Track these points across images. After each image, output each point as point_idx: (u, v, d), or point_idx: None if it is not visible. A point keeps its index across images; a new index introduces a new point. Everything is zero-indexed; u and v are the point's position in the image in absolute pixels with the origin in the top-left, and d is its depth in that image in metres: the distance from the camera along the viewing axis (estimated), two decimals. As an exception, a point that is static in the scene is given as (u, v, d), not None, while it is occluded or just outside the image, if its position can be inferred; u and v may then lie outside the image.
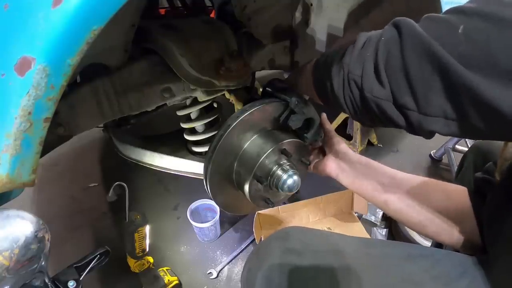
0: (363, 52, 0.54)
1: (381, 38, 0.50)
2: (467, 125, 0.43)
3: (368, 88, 0.52)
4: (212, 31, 0.99)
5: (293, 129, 0.77)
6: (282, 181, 0.73)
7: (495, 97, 0.37)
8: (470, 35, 0.40)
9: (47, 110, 0.46)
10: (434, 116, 0.45)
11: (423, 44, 0.44)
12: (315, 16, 1.10)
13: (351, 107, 0.58)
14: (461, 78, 0.40)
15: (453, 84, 0.42)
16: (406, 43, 0.46)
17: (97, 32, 0.44)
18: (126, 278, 1.39)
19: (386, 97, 0.50)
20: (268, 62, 1.25)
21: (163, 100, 0.97)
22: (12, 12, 0.43)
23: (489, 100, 0.38)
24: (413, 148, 2.21)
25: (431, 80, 0.44)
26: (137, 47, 0.89)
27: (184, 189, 1.81)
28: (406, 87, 0.46)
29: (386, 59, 0.49)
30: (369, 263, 0.64)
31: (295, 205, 1.57)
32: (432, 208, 0.72)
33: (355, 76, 0.54)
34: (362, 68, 0.53)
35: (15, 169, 0.47)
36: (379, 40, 0.50)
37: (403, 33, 0.47)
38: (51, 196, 1.85)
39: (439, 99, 0.44)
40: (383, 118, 0.53)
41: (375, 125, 0.61)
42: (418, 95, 0.46)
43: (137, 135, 1.36)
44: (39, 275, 0.63)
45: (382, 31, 0.51)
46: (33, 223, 0.60)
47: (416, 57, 0.45)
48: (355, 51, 0.55)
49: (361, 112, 0.57)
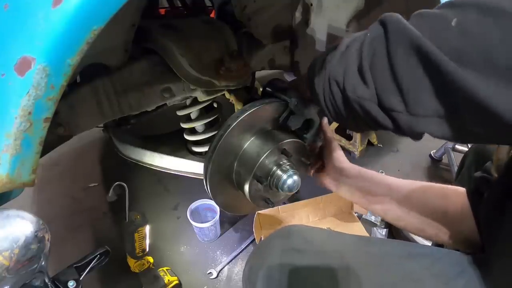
0: (347, 51, 0.50)
1: (367, 36, 0.47)
2: (461, 127, 0.40)
3: (351, 87, 0.48)
4: (212, 31, 0.99)
5: (292, 129, 0.77)
6: (282, 181, 0.73)
7: (489, 97, 0.34)
8: (464, 29, 0.36)
9: (47, 110, 0.46)
10: (425, 117, 0.42)
11: (411, 39, 0.40)
12: (315, 16, 1.10)
13: (331, 109, 0.55)
14: (452, 75, 0.36)
15: (444, 83, 0.38)
16: (392, 39, 0.42)
17: (97, 32, 0.44)
18: (126, 278, 1.39)
19: (370, 97, 0.46)
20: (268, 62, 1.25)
21: (163, 100, 0.97)
22: (12, 12, 0.43)
23: (483, 100, 0.34)
24: (413, 148, 2.21)
25: (420, 79, 0.40)
26: (137, 47, 0.89)
27: (184, 189, 1.80)
28: (393, 86, 0.43)
29: (371, 57, 0.45)
30: (369, 261, 0.64)
31: (295, 205, 1.57)
32: (430, 212, 0.72)
33: (336, 74, 0.51)
34: (344, 67, 0.49)
35: (15, 169, 0.47)
36: (365, 39, 0.47)
37: (389, 29, 0.43)
38: (51, 196, 1.85)
39: (429, 98, 0.40)
40: (368, 120, 0.49)
41: (361, 129, 0.56)
42: (406, 95, 0.42)
43: (137, 135, 1.36)
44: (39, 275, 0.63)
45: (368, 30, 0.48)
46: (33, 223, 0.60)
47: (403, 54, 0.41)
48: (338, 50, 0.52)
49: (342, 115, 0.54)
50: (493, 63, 0.34)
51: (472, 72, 0.35)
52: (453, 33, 0.37)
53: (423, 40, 0.39)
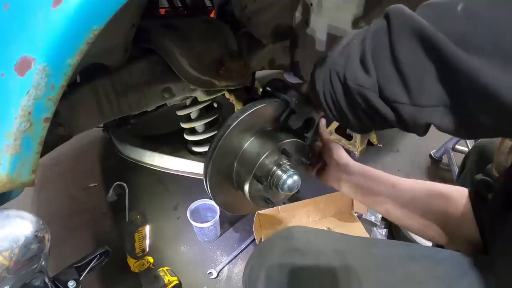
0: (349, 44, 0.49)
1: (370, 29, 0.46)
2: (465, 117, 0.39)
3: (351, 76, 0.47)
4: (212, 31, 0.99)
5: (293, 129, 0.77)
6: (282, 181, 0.73)
7: (493, 81, 0.33)
8: (470, 12, 0.35)
9: (47, 110, 0.46)
10: (430, 106, 0.40)
11: (413, 25, 0.39)
12: (315, 16, 1.10)
13: (331, 104, 0.53)
14: (456, 60, 0.35)
15: (447, 68, 0.37)
16: (395, 28, 0.41)
17: (97, 32, 0.44)
18: (126, 278, 1.39)
19: (372, 86, 0.44)
20: (268, 62, 1.25)
21: (163, 100, 0.97)
22: (12, 12, 0.43)
23: (487, 85, 0.33)
24: (413, 148, 2.21)
25: (423, 65, 0.39)
26: (137, 47, 0.89)
27: (184, 189, 1.80)
28: (396, 75, 0.41)
29: (374, 47, 0.44)
30: (370, 263, 0.64)
31: (295, 205, 1.57)
32: (432, 213, 0.72)
33: (337, 66, 0.49)
34: (346, 58, 0.48)
35: (15, 169, 0.47)
36: (368, 31, 0.46)
37: (392, 20, 0.42)
38: (51, 196, 1.85)
39: (433, 86, 0.39)
40: (369, 111, 0.47)
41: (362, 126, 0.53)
42: (410, 84, 0.40)
43: (137, 135, 1.36)
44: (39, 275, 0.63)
45: (372, 24, 0.47)
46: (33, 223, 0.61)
47: (405, 40, 0.40)
48: (340, 45, 0.52)
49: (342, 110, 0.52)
50: (499, 47, 0.33)
51: (477, 57, 0.34)
52: (458, 18, 0.36)
53: (424, 24, 0.38)
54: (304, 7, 1.13)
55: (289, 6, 1.14)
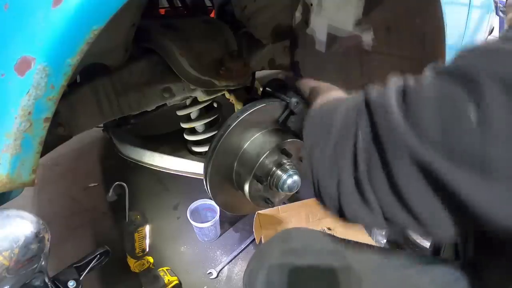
0: (336, 151, 0.42)
1: (358, 133, 0.40)
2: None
3: (351, 215, 0.42)
4: (212, 31, 0.99)
5: (292, 129, 0.77)
6: (282, 181, 0.73)
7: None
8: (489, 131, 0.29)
9: (47, 110, 0.46)
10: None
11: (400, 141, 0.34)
12: (315, 16, 1.10)
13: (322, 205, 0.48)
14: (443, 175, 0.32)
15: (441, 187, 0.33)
16: (386, 145, 0.36)
17: (97, 32, 0.44)
18: (126, 278, 1.38)
19: (377, 224, 0.40)
20: (268, 62, 1.25)
21: (163, 100, 0.97)
22: (12, 12, 0.43)
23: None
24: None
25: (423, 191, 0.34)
26: (137, 47, 0.89)
27: (184, 189, 1.80)
28: (399, 207, 0.37)
29: (368, 169, 0.38)
30: (369, 266, 0.64)
31: (295, 205, 1.57)
32: None
33: (328, 189, 0.43)
34: (337, 181, 0.42)
35: (15, 169, 0.47)
36: (356, 137, 0.40)
37: (380, 128, 0.37)
38: (51, 196, 1.85)
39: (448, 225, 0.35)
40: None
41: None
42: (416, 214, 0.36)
43: (137, 135, 1.36)
44: (39, 275, 0.63)
45: (357, 116, 0.40)
46: (33, 223, 0.60)
47: (401, 164, 0.35)
48: (328, 145, 0.43)
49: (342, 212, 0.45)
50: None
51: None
52: (473, 134, 0.30)
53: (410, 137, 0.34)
54: (304, 7, 1.13)
55: (289, 6, 1.14)
